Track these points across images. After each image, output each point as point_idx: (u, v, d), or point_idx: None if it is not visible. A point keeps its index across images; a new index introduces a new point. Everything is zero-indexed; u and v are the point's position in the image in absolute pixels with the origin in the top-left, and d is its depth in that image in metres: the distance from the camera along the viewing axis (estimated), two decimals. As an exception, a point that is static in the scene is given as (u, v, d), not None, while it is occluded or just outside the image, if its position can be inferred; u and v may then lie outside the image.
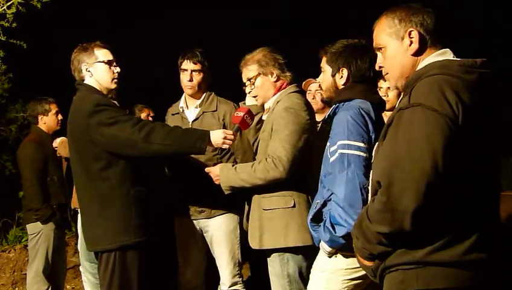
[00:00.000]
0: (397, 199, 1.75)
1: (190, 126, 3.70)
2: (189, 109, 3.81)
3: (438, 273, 1.81)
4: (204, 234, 3.77)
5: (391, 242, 1.85)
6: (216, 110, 3.74)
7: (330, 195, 2.64)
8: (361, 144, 2.55)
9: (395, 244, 1.86)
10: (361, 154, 2.53)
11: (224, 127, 3.62)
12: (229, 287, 3.71)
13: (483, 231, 1.84)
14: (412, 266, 1.84)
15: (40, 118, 4.77)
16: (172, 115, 3.91)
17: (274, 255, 3.12)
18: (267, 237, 3.10)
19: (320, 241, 2.72)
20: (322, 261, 2.75)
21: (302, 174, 3.08)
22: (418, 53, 1.98)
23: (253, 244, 3.20)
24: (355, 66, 2.77)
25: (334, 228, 2.55)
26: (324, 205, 2.66)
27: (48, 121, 4.76)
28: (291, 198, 3.09)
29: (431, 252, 1.81)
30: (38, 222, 4.63)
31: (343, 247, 2.58)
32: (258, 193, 3.16)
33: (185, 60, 3.71)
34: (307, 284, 3.07)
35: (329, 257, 2.69)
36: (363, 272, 2.58)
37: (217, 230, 3.70)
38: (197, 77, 3.71)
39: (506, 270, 2.05)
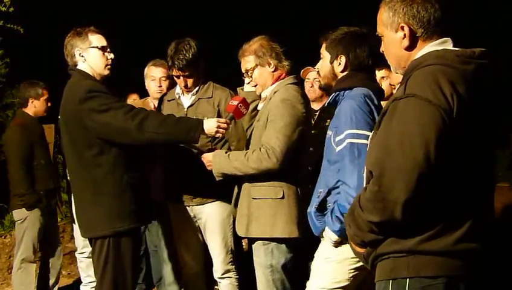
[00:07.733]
0: (388, 189, 1.75)
1: (185, 112, 3.69)
2: (185, 95, 3.80)
3: (428, 261, 1.81)
4: (198, 221, 3.76)
5: (382, 231, 1.85)
6: (211, 97, 3.72)
7: (336, 183, 2.63)
8: (369, 133, 2.51)
9: (386, 233, 1.86)
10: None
11: (219, 113, 3.61)
12: (222, 274, 3.71)
13: (475, 222, 1.83)
14: (403, 254, 1.84)
15: (30, 101, 4.69)
16: (168, 101, 3.89)
17: (259, 243, 3.14)
18: (254, 225, 3.12)
19: (322, 231, 2.71)
20: (328, 251, 2.72)
21: (294, 166, 3.08)
22: (410, 48, 1.96)
23: (240, 232, 3.22)
24: (354, 54, 2.75)
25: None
26: (328, 193, 2.65)
27: (38, 105, 4.70)
28: (281, 189, 3.09)
29: (421, 241, 1.81)
30: (24, 208, 4.56)
31: None
32: (248, 181, 3.17)
33: (172, 69, 3.65)
34: (289, 276, 3.09)
35: (336, 246, 2.66)
36: None
37: (210, 218, 3.69)
38: (190, 80, 3.68)
39: (501, 260, 2.05)
